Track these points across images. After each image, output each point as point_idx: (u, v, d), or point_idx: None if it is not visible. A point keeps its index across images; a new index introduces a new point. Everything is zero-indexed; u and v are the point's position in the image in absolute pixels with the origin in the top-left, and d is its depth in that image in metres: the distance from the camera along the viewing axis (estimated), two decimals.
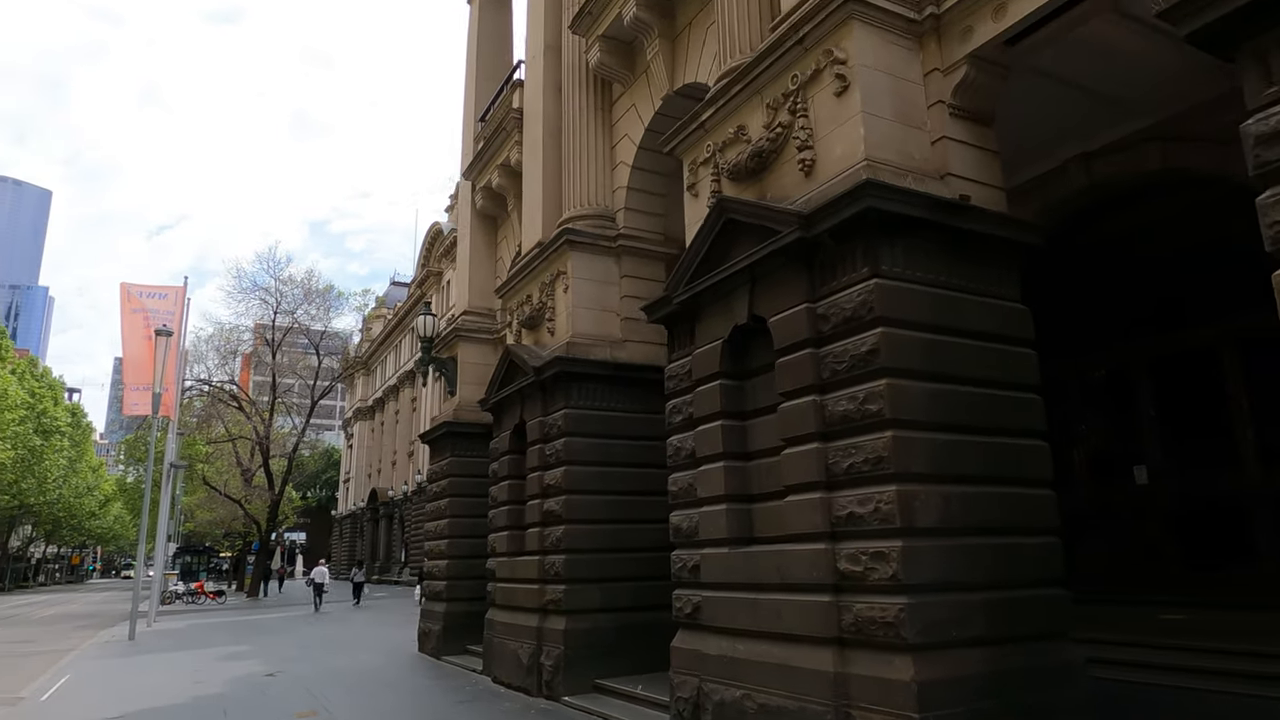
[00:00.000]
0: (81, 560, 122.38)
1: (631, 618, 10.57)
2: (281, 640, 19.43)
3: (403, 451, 57.83)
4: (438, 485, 15.88)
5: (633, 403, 11.25)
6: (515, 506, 12.08)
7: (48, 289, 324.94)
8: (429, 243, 51.62)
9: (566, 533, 10.44)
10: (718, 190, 8.11)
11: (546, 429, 11.17)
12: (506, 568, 11.94)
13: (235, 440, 46.50)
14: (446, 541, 15.13)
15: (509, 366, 12.25)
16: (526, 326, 12.54)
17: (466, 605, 14.81)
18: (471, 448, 15.52)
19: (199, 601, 37.45)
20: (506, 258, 16.52)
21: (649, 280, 11.90)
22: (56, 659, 17.11)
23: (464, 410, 15.75)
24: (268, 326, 42.67)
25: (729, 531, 7.15)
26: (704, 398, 7.61)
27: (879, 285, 5.99)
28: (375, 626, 22.25)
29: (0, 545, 78.41)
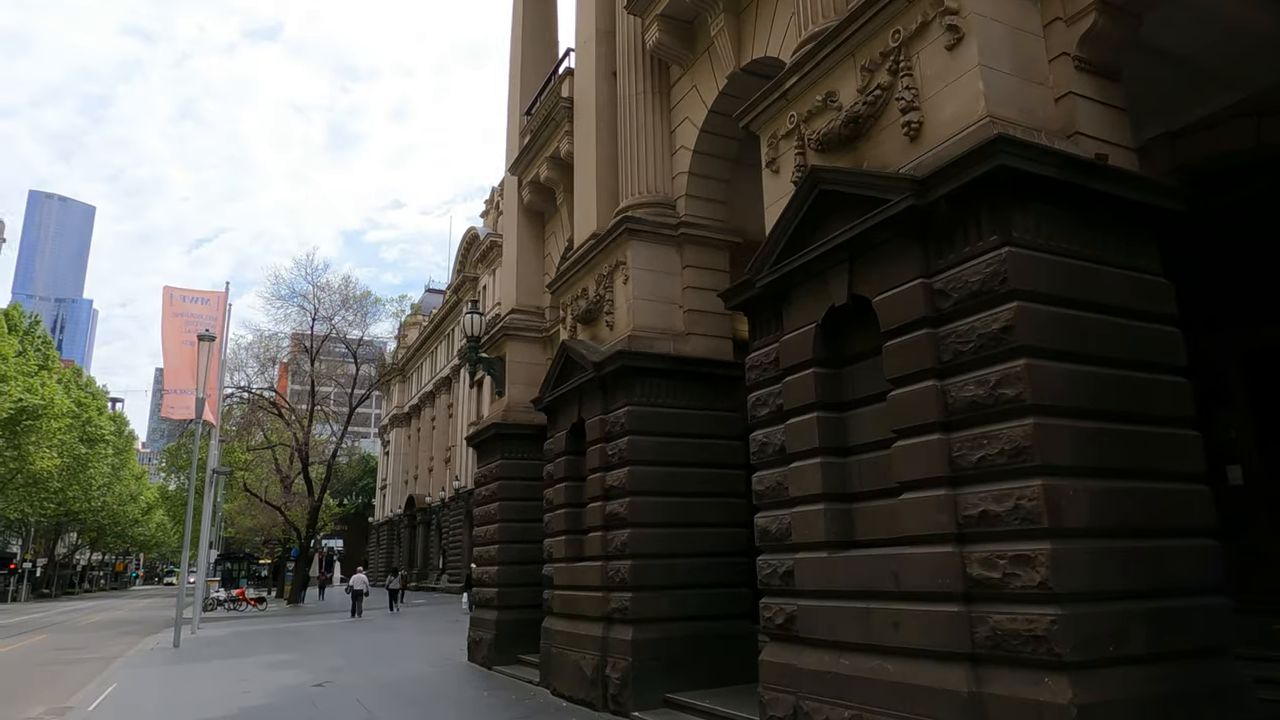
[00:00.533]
0: (125, 567, 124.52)
1: (702, 627, 9.93)
2: (326, 648, 19.06)
3: (439, 458, 57.74)
4: (486, 489, 15.38)
5: (697, 399, 10.64)
6: (573, 510, 11.50)
7: (91, 302, 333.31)
8: (465, 248, 51.51)
9: (632, 536, 9.83)
10: (803, 163, 7.47)
11: (608, 427, 10.58)
12: (565, 574, 11.36)
13: (274, 447, 46.73)
14: (497, 547, 14.61)
15: (565, 363, 11.70)
16: (582, 321, 11.98)
17: (519, 613, 14.27)
18: (521, 450, 14.99)
19: (240, 608, 37.44)
20: (555, 254, 16.01)
21: (712, 270, 11.29)
22: (103, 666, 16.89)
23: (513, 411, 15.24)
24: (305, 335, 42.79)
25: (828, 534, 6.48)
26: (795, 388, 6.95)
27: (1012, 255, 5.30)
28: (420, 634, 21.82)
29: (48, 552, 79.90)
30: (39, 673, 16.89)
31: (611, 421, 10.52)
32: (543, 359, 15.89)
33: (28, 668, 17.82)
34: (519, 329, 15.74)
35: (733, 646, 10.06)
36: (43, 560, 77.74)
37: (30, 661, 18.93)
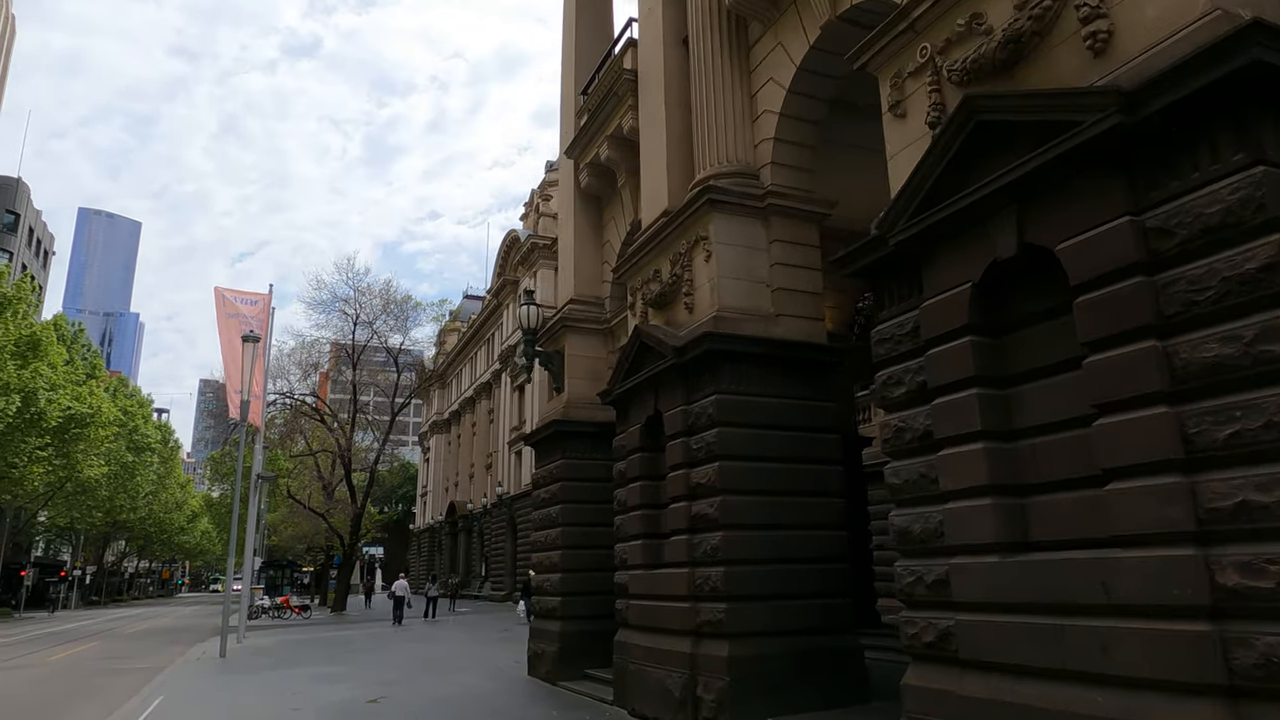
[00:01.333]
0: (171, 574, 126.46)
1: (803, 643, 8.83)
2: (376, 659, 18.24)
3: (480, 464, 57.17)
4: (546, 491, 14.42)
5: (788, 387, 9.57)
6: (651, 511, 10.47)
7: (138, 315, 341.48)
8: (505, 250, 50.94)
9: (725, 540, 8.77)
10: (939, 101, 6.39)
11: (691, 419, 9.54)
12: (643, 582, 10.32)
13: (317, 454, 46.50)
14: (559, 553, 13.63)
15: (639, 350, 10.69)
16: (655, 306, 10.97)
17: (584, 624, 13.27)
18: (584, 449, 14.02)
19: (285, 616, 37.04)
20: (614, 241, 15.05)
21: (801, 245, 10.22)
22: (149, 677, 16.25)
23: (573, 407, 14.28)
24: (346, 344, 42.52)
25: (996, 534, 5.36)
26: (945, 361, 5.85)
27: (1269, 175, 4.16)
28: (471, 644, 20.93)
29: (97, 560, 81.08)
30: (86, 683, 16.30)
31: (696, 412, 9.48)
32: (603, 352, 14.93)
33: (76, 677, 17.27)
34: (578, 320, 14.79)
35: (838, 665, 8.96)
36: (92, 568, 78.85)
37: (78, 671, 18.40)
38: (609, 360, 14.89)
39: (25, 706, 13.88)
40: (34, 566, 62.15)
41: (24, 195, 71.04)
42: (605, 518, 13.66)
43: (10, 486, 42.39)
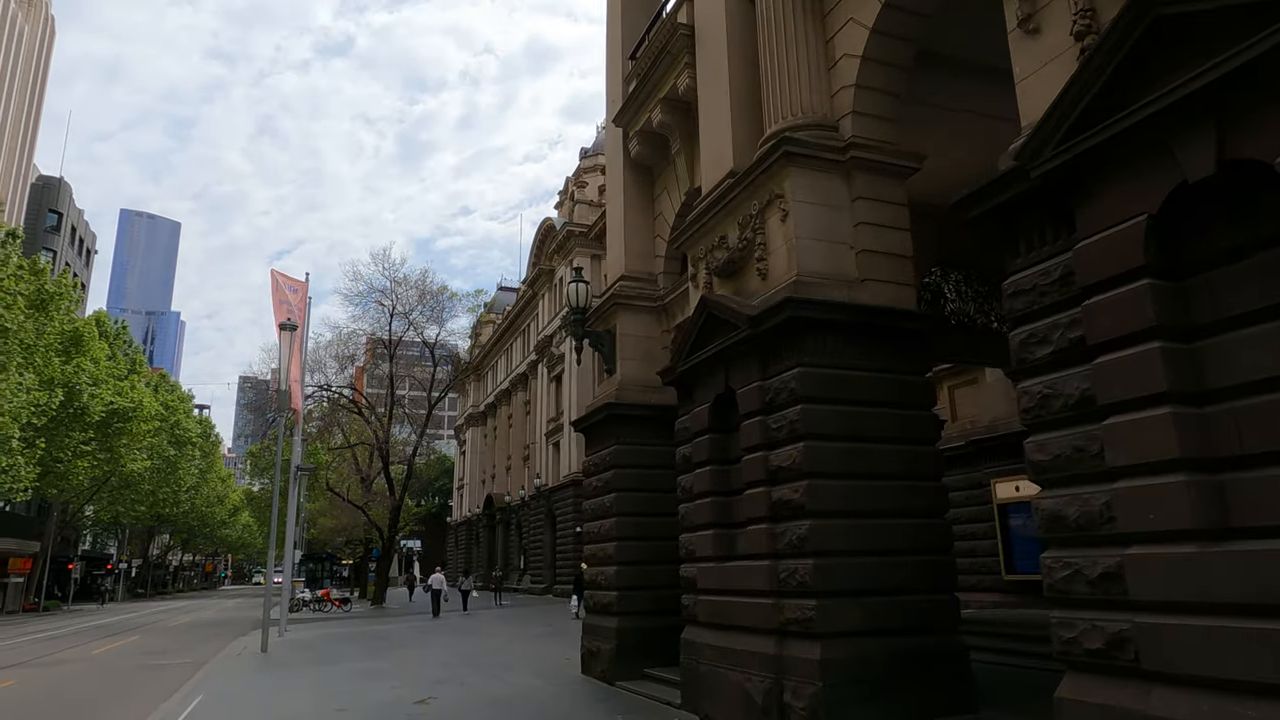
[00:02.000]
0: (215, 567, 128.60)
1: (903, 644, 7.87)
2: (421, 655, 17.60)
3: (518, 456, 56.71)
4: (599, 479, 13.58)
5: (878, 359, 8.58)
6: (721, 498, 9.56)
7: (179, 314, 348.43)
8: (540, 239, 50.27)
9: (813, 530, 7.83)
10: (1088, 7, 5.38)
11: (769, 395, 8.61)
12: (714, 575, 9.42)
13: (355, 447, 46.34)
14: (614, 545, 12.78)
15: (705, 323, 9.77)
16: (721, 275, 10.04)
17: (643, 620, 12.43)
18: (639, 433, 13.15)
19: (325, 609, 36.82)
20: (668, 212, 14.12)
21: (887, 203, 9.21)
22: (190, 674, 15.76)
23: (627, 390, 13.41)
24: (380, 341, 42.22)
25: (1193, 518, 4.37)
26: (1111, 311, 4.86)
27: None
28: (517, 640, 20.23)
29: (143, 553, 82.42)
30: (126, 680, 15.87)
31: (775, 388, 8.54)
32: (657, 331, 14.04)
33: (116, 673, 16.88)
34: (630, 298, 13.91)
35: (942, 668, 7.98)
36: (138, 561, 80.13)
37: (119, 666, 18.04)
38: (663, 340, 14.02)
39: (63, 704, 13.42)
40: (81, 560, 63.15)
41: (66, 195, 71.98)
42: (664, 507, 12.82)
43: (56, 481, 42.78)
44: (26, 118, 67.73)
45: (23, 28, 65.13)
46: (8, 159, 63.64)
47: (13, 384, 31.14)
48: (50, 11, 71.72)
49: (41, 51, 70.69)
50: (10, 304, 31.31)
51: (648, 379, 13.61)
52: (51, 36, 73.04)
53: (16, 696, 14.10)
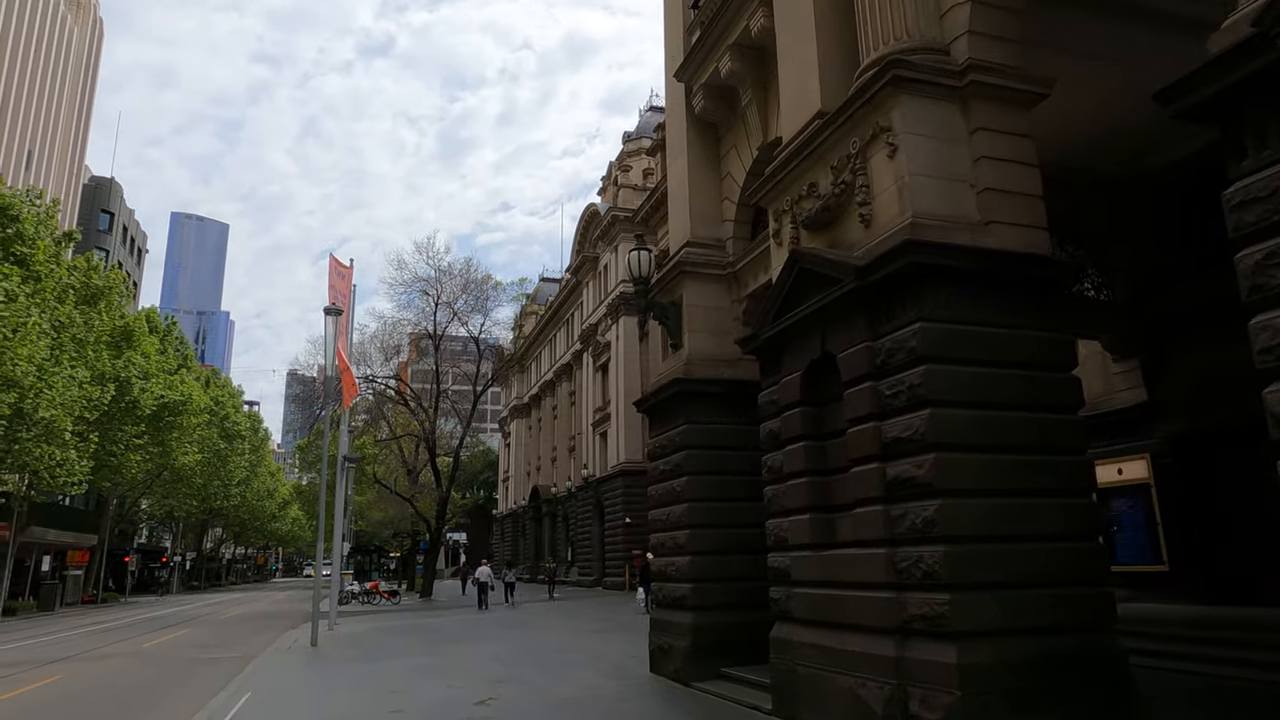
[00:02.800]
0: (266, 560, 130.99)
1: (1054, 645, 6.66)
2: (476, 650, 16.77)
3: (563, 447, 56.05)
4: (667, 462, 12.51)
5: (1010, 314, 7.35)
6: (818, 478, 8.42)
7: (229, 314, 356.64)
8: (584, 226, 49.38)
9: (943, 511, 6.65)
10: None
11: (882, 357, 7.44)
12: (811, 566, 8.29)
13: (401, 439, 46.04)
14: (686, 533, 11.71)
15: (797, 280, 8.62)
16: (812, 227, 8.87)
17: (720, 615, 11.35)
18: (710, 411, 12.05)
19: (374, 601, 36.50)
20: (737, 172, 12.97)
21: (1012, 135, 7.94)
22: (239, 668, 15.14)
23: (696, 364, 12.31)
24: (422, 335, 41.78)
25: None
26: None
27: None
28: (575, 635, 19.31)
29: (196, 547, 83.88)
30: (175, 673, 15.31)
31: (889, 348, 7.36)
32: (727, 300, 12.91)
33: (164, 668, 16.36)
34: (697, 265, 12.80)
35: (1099, 673, 6.74)
36: (191, 554, 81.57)
37: (168, 660, 17.55)
38: (733, 310, 12.89)
39: (109, 700, 12.83)
40: (137, 553, 64.24)
41: (118, 195, 73.17)
42: (739, 491, 11.76)
43: (110, 474, 43.20)
44: (77, 119, 68.89)
45: (72, 30, 66.17)
46: (60, 160, 64.77)
47: (65, 377, 31.21)
48: (99, 14, 72.85)
49: (90, 54, 71.84)
50: (61, 297, 31.35)
51: (718, 352, 12.51)
52: (100, 39, 74.20)
53: (61, 691, 13.57)
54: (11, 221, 29.22)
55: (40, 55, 60.41)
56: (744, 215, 13.01)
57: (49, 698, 12.98)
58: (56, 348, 31.49)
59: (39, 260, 30.10)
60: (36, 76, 59.76)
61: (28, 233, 29.73)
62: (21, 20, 57.10)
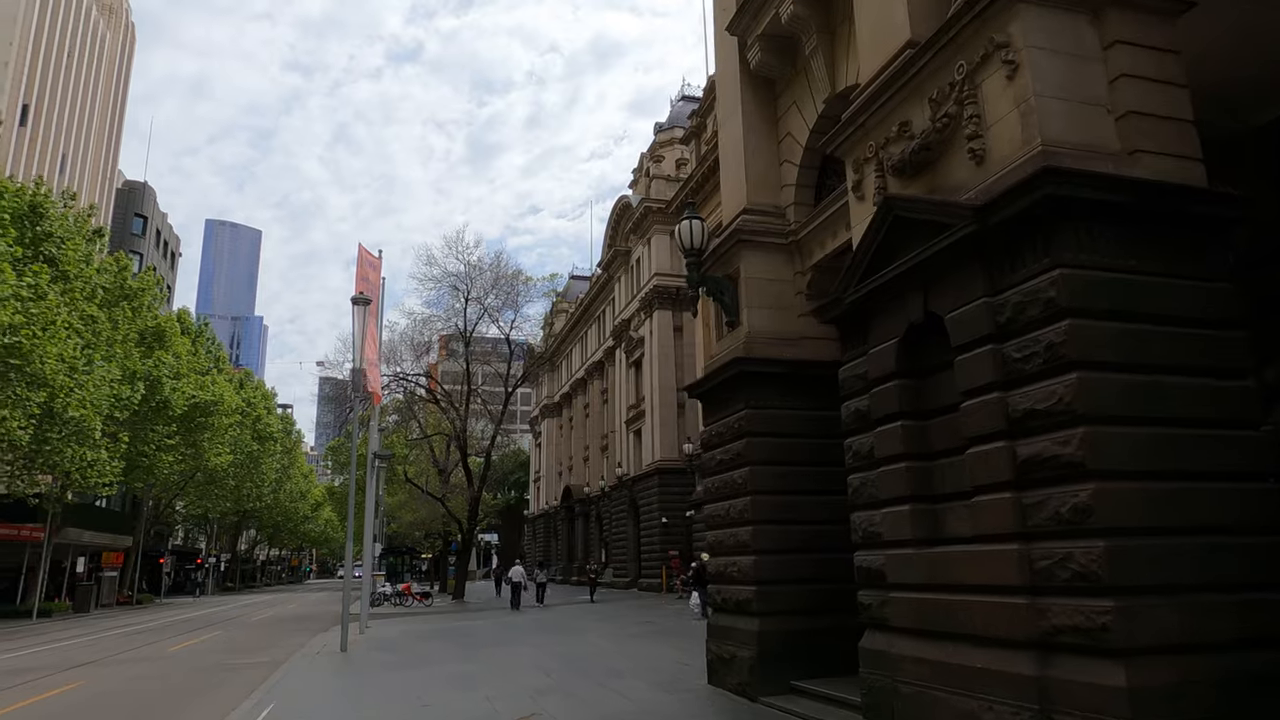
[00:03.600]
0: (300, 562, 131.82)
1: (1246, 663, 5.35)
2: (513, 656, 15.70)
3: (595, 446, 55.03)
4: (725, 451, 11.31)
5: (1167, 258, 6.05)
6: (919, 463, 7.19)
7: (262, 319, 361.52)
8: (615, 219, 48.31)
9: (1101, 497, 5.39)
10: None
11: (1008, 314, 6.19)
12: (914, 566, 7.05)
13: (431, 438, 45.33)
14: (750, 529, 10.49)
15: (891, 231, 7.39)
16: (906, 172, 7.63)
17: (790, 621, 10.14)
18: (774, 395, 10.85)
19: (407, 603, 35.71)
20: (798, 131, 11.75)
21: (1156, 51, 6.63)
22: (265, 675, 14.23)
23: (756, 343, 11.11)
24: (455, 334, 41.02)
25: None
26: None
27: None
28: (617, 639, 18.17)
29: (231, 548, 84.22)
30: (197, 681, 14.43)
31: (1016, 302, 6.11)
32: (789, 273, 11.69)
33: (188, 674, 15.51)
34: (756, 234, 11.59)
35: None
36: (226, 556, 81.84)
37: (191, 666, 16.71)
38: (797, 283, 11.66)
39: (128, 709, 11.96)
40: (172, 554, 64.37)
41: (151, 199, 73.60)
42: (807, 483, 10.60)
43: (142, 475, 42.97)
44: (110, 123, 69.35)
45: (104, 34, 66.60)
46: (94, 164, 65.18)
47: (96, 377, 30.81)
48: (130, 19, 73.37)
49: (123, 59, 72.35)
50: (90, 296, 30.95)
51: (780, 329, 11.30)
52: (132, 44, 74.73)
53: (78, 700, 12.73)
54: (41, 220, 28.87)
55: (73, 60, 60.80)
56: (806, 179, 11.79)
57: (64, 707, 12.13)
58: (88, 347, 31.13)
59: (69, 260, 29.73)
60: (70, 81, 60.14)
61: (58, 232, 29.35)
62: (55, 25, 57.46)
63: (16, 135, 51.72)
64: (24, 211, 28.29)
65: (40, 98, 55.29)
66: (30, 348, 25.39)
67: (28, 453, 28.90)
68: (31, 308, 25.49)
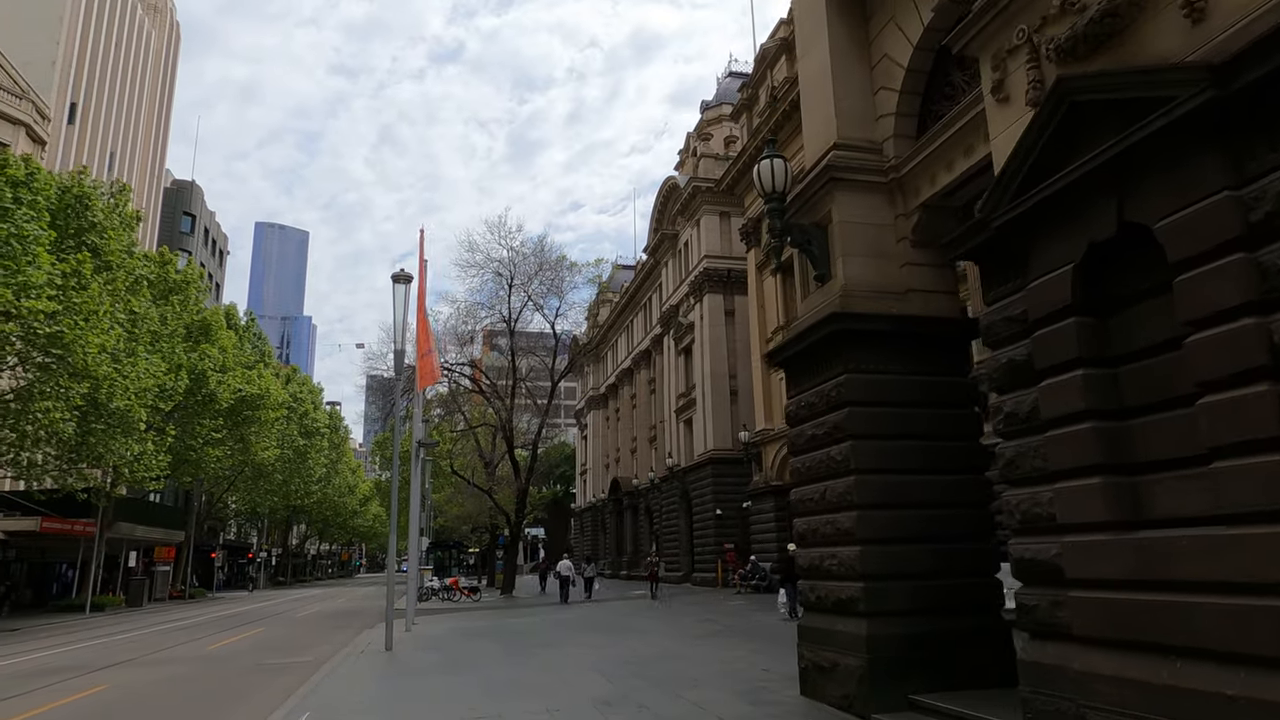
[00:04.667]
0: (350, 556, 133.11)
1: None
2: (571, 659, 14.29)
3: (644, 437, 53.60)
4: (819, 425, 9.69)
5: None
6: (1108, 423, 5.52)
7: (310, 318, 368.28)
8: (662, 201, 46.71)
9: None
10: None
11: (1265, 206, 4.49)
12: (1117, 555, 5.38)
13: (477, 429, 44.41)
14: (855, 515, 8.86)
15: (1066, 123, 5.71)
16: (1071, 54, 5.94)
17: (905, 623, 8.51)
18: (878, 357, 9.21)
19: (454, 598, 34.73)
20: (898, 52, 10.06)
21: None
22: (301, 679, 13.05)
23: (855, 297, 9.46)
24: (497, 333, 40.04)
25: None
26: None
27: None
28: (681, 640, 16.64)
29: (282, 543, 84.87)
30: (230, 684, 13.32)
31: (1277, 191, 4.41)
32: (889, 215, 10.02)
33: (224, 675, 14.44)
34: (851, 170, 9.93)
35: None
36: (277, 550, 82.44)
37: (228, 668, 15.65)
38: (898, 228, 9.99)
39: (143, 716, 10.82)
40: (224, 549, 64.71)
41: (199, 198, 74.18)
42: (921, 460, 8.96)
43: (190, 469, 42.82)
44: (157, 122, 69.92)
45: (149, 33, 67.06)
46: (141, 162, 65.69)
47: (140, 368, 30.34)
48: (175, 18, 73.92)
49: (168, 59, 72.92)
50: (129, 285, 30.43)
51: (881, 282, 9.65)
52: (177, 44, 75.30)
53: (94, 706, 11.67)
54: (85, 211, 28.37)
55: (120, 59, 61.22)
56: (908, 106, 10.09)
57: (81, 714, 11.05)
58: (131, 339, 30.69)
59: (112, 250, 29.22)
60: (116, 80, 60.57)
61: (101, 221, 28.84)
62: (101, 24, 57.83)
63: (65, 133, 52.05)
64: (69, 202, 27.80)
65: (87, 97, 55.65)
66: (73, 338, 24.82)
67: (73, 445, 28.46)
68: (74, 297, 24.94)
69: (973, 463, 9.29)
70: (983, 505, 9.22)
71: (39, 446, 27.95)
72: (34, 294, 21.74)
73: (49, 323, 23.90)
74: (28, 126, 43.13)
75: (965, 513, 9.05)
